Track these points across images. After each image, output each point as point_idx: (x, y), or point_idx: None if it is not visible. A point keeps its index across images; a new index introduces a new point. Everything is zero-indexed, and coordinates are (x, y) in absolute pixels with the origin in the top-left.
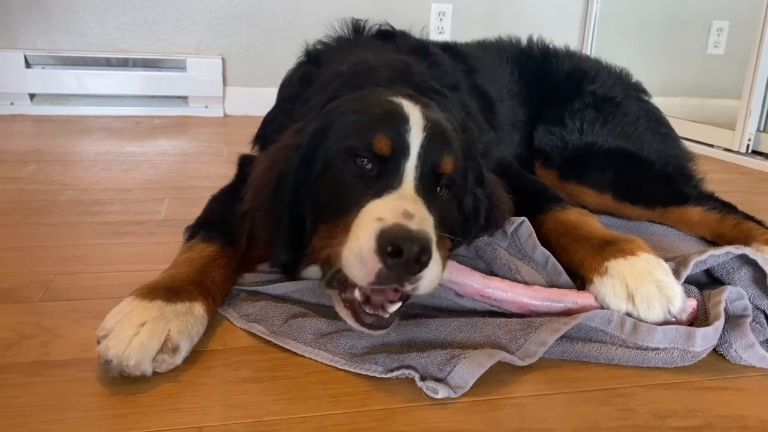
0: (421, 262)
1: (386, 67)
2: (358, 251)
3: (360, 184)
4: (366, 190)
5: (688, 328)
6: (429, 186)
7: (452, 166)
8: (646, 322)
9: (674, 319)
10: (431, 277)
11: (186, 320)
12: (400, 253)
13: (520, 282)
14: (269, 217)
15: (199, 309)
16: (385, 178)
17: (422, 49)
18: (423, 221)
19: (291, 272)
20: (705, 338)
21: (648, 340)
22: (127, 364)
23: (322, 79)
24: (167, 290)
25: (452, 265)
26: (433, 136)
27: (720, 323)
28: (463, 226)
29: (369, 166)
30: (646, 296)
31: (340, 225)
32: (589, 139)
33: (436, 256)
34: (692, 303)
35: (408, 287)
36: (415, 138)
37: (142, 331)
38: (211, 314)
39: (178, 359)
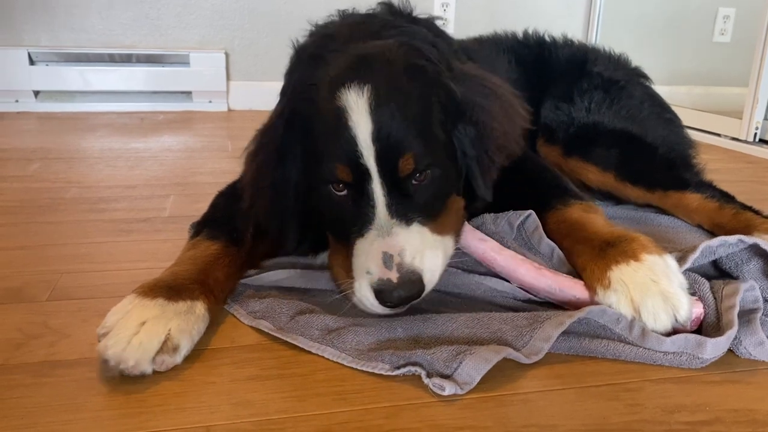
0: (415, 297)
1: (344, 26)
2: (365, 299)
3: (344, 211)
4: (351, 225)
5: (699, 336)
6: (402, 190)
7: (413, 161)
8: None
9: (680, 326)
10: (432, 279)
11: (187, 319)
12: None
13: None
14: (272, 213)
15: (200, 308)
16: (360, 207)
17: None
18: (405, 252)
19: (313, 253)
20: (716, 347)
21: (656, 347)
22: (126, 364)
23: (292, 57)
24: (169, 288)
25: (465, 227)
26: (386, 138)
27: (732, 332)
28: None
29: (344, 192)
30: (652, 310)
31: (342, 251)
32: (596, 118)
33: (430, 254)
34: (698, 311)
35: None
36: (369, 155)
37: (142, 330)
38: (213, 313)
39: (179, 358)
